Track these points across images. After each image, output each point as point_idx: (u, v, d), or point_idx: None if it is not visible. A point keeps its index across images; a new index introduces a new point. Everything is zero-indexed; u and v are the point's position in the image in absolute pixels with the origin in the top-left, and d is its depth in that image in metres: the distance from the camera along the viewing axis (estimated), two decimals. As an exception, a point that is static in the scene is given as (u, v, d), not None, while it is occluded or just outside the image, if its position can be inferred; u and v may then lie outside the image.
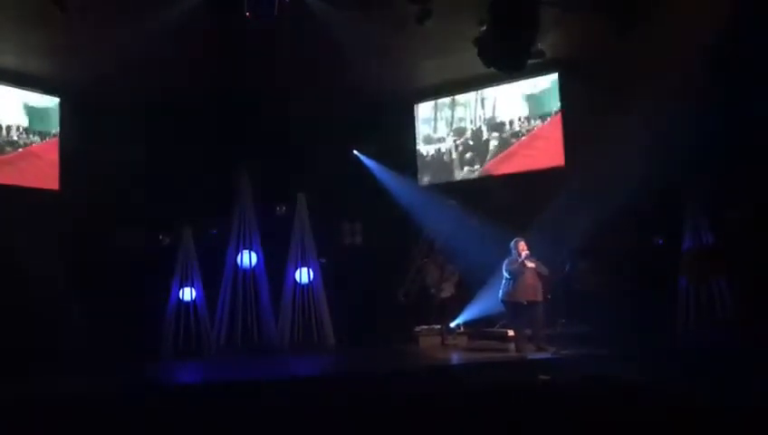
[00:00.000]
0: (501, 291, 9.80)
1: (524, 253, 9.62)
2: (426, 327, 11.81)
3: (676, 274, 10.67)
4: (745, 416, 4.80)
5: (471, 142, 12.76)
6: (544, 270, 9.65)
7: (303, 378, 9.01)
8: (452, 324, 11.61)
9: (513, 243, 9.76)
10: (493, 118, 12.57)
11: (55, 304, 10.71)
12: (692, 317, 10.38)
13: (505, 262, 9.75)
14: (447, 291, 11.85)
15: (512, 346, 10.09)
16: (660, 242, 11.08)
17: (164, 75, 10.73)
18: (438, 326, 11.64)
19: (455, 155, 12.94)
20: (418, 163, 13.20)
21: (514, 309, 9.75)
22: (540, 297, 9.63)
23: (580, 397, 5.53)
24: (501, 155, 12.44)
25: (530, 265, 9.59)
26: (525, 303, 9.57)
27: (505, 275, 9.71)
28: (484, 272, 10.81)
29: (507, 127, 12.42)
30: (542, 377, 6.80)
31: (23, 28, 9.44)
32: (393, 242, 12.63)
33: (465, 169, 12.81)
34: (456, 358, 10.35)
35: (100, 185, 11.32)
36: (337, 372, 10.02)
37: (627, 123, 9.95)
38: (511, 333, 10.33)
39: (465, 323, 11.62)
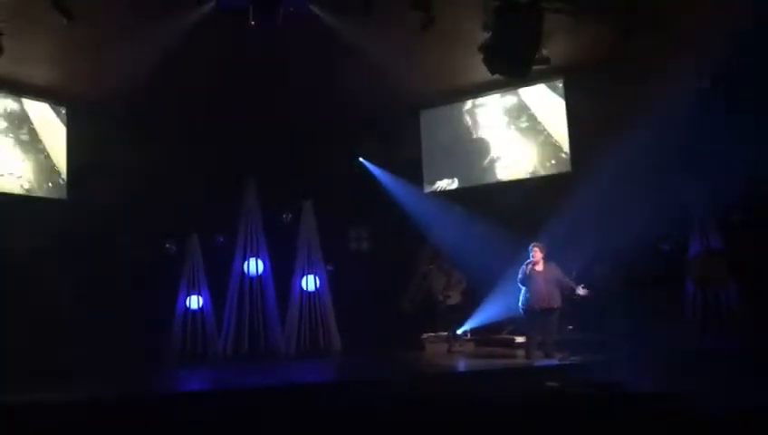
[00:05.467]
0: (519, 299, 9.75)
1: (532, 258, 9.56)
2: (432, 334, 11.80)
3: (683, 279, 10.63)
4: (754, 421, 4.76)
5: (476, 148, 12.75)
6: (559, 274, 9.55)
7: (310, 385, 8.99)
8: (459, 331, 11.58)
9: (530, 248, 9.72)
10: (497, 124, 12.55)
11: (63, 313, 10.73)
12: (699, 322, 10.33)
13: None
14: (454, 298, 11.81)
15: (519, 353, 10.04)
16: (667, 248, 11.03)
17: (171, 85, 10.76)
18: (445, 333, 11.62)
19: (460, 161, 12.92)
20: (424, 170, 13.18)
21: (529, 317, 9.67)
22: (555, 304, 9.53)
23: (588, 403, 5.49)
24: (507, 161, 12.42)
25: (538, 269, 9.54)
26: (539, 310, 9.52)
27: (518, 284, 9.68)
28: (492, 278, 10.78)
29: (513, 133, 12.41)
30: (550, 384, 6.76)
31: (29, 37, 9.48)
32: (400, 248, 12.63)
33: (470, 175, 12.79)
34: (462, 365, 10.33)
35: (107, 194, 11.36)
36: (343, 378, 10.00)
37: (633, 128, 9.92)
38: (520, 339, 10.28)
39: (472, 330, 11.58)
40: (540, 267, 9.55)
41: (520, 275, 9.58)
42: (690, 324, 10.38)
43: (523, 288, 9.60)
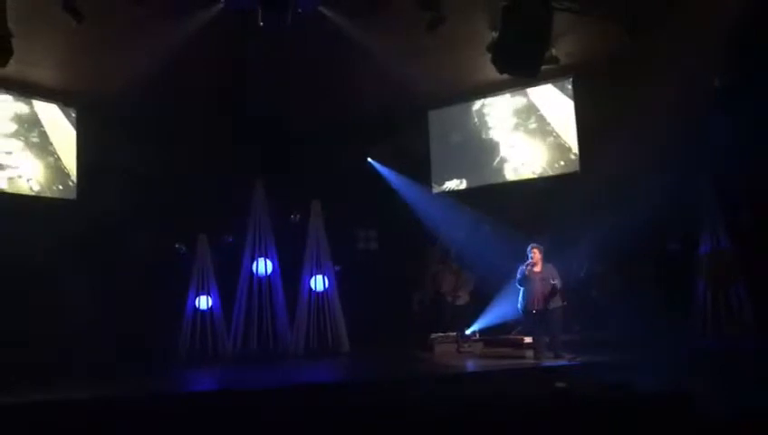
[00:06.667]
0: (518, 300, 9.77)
1: (531, 259, 9.53)
2: (441, 334, 11.77)
3: (693, 278, 10.58)
4: (763, 422, 4.73)
5: (485, 149, 12.73)
6: (555, 276, 9.50)
7: (318, 384, 9.00)
8: (467, 331, 11.56)
9: (528, 249, 9.69)
10: (506, 125, 12.53)
11: (72, 313, 10.78)
12: (709, 322, 10.29)
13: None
14: (463, 298, 11.80)
15: (528, 353, 10.00)
16: (676, 247, 10.99)
17: (180, 86, 10.81)
18: (454, 333, 11.60)
19: (469, 162, 12.90)
20: (433, 170, 13.17)
21: (528, 318, 9.68)
22: (549, 306, 9.50)
23: (597, 404, 5.47)
24: (516, 161, 12.40)
25: (536, 270, 9.50)
26: (535, 311, 9.50)
27: (516, 284, 9.67)
28: (500, 279, 10.75)
29: (522, 133, 12.38)
30: (559, 384, 6.75)
31: (38, 39, 9.54)
32: (408, 248, 12.63)
33: (479, 175, 12.78)
34: (471, 365, 10.30)
35: (116, 194, 11.41)
36: (351, 378, 10.01)
37: (642, 127, 9.89)
38: (528, 339, 10.26)
39: (481, 331, 11.56)
40: (538, 268, 9.50)
41: (518, 276, 9.57)
42: (700, 324, 10.33)
43: (522, 289, 9.59)
